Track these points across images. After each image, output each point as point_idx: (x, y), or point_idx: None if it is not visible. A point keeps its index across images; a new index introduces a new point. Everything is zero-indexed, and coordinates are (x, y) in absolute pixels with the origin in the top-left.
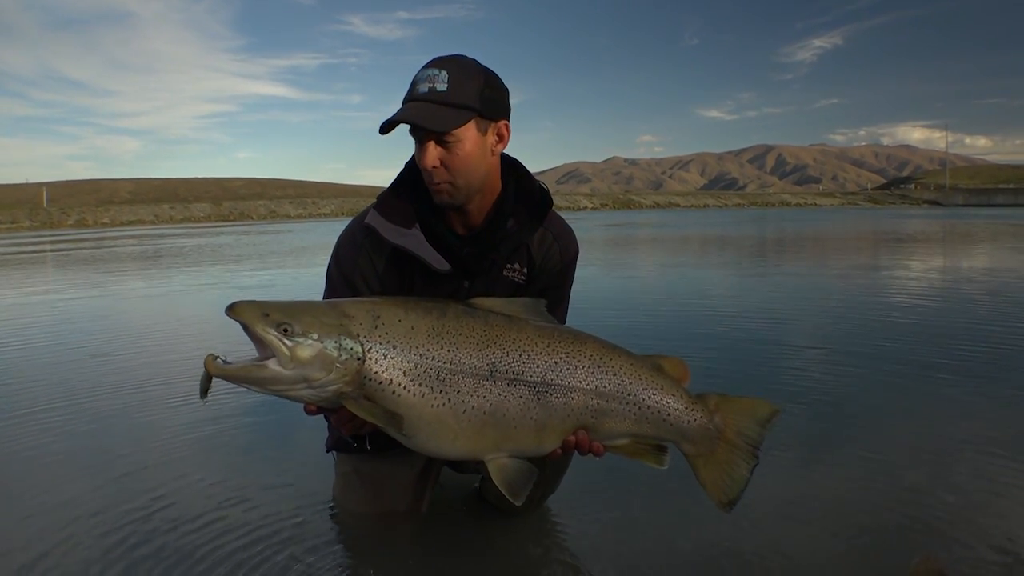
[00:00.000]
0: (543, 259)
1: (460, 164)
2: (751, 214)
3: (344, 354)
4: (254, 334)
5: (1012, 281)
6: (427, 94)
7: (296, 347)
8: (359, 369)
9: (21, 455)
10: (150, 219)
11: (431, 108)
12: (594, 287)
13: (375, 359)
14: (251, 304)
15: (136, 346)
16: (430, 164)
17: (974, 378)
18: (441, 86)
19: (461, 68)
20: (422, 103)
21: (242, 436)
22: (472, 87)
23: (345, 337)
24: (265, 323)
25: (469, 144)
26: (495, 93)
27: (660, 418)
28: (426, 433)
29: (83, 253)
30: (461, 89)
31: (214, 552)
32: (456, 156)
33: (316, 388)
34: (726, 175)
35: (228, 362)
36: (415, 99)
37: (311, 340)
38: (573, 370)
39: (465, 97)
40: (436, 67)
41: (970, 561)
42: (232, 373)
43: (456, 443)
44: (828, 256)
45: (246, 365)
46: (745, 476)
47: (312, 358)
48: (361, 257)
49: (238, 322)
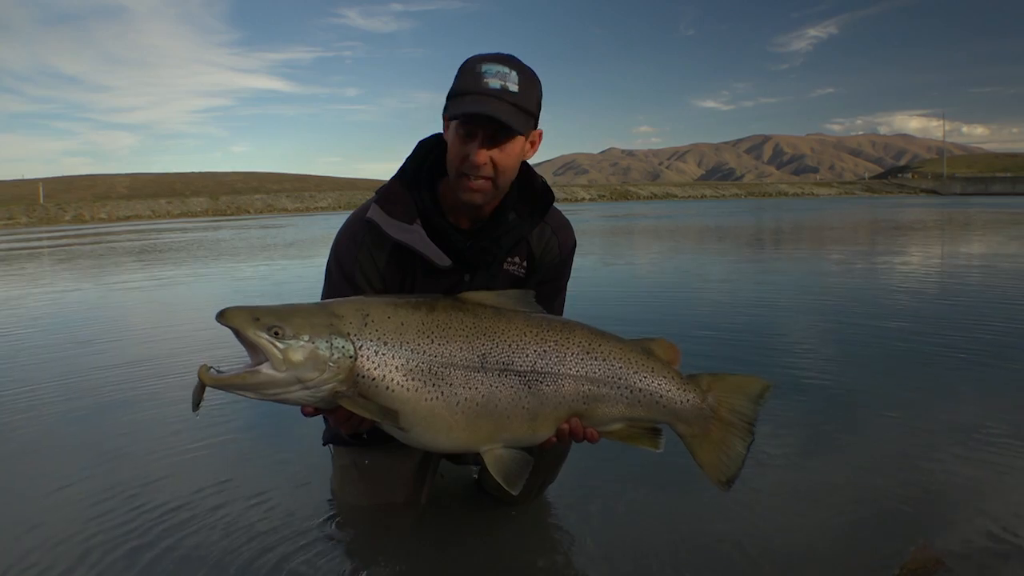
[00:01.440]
0: (542, 252)
1: (507, 166)
2: (748, 204)
3: (336, 353)
4: (246, 339)
5: (1008, 268)
6: (500, 91)
7: (288, 349)
8: (352, 367)
9: (17, 452)
10: (147, 214)
11: (508, 108)
12: (592, 277)
13: (367, 356)
14: (241, 309)
15: (135, 342)
16: (482, 160)
17: (972, 365)
18: (513, 87)
19: (526, 73)
20: (500, 102)
21: (238, 430)
22: (535, 95)
23: (336, 336)
24: (256, 327)
25: (517, 148)
26: (541, 103)
27: (653, 400)
28: (422, 427)
29: (84, 248)
30: (529, 95)
31: (212, 545)
32: (507, 158)
33: (311, 389)
34: (723, 165)
35: (221, 371)
36: (487, 93)
37: (303, 342)
38: (563, 357)
39: (532, 104)
40: (505, 65)
41: (966, 549)
42: (227, 381)
43: (451, 435)
44: (825, 245)
45: (240, 372)
46: (742, 453)
47: (305, 359)
48: (362, 253)
49: (229, 328)
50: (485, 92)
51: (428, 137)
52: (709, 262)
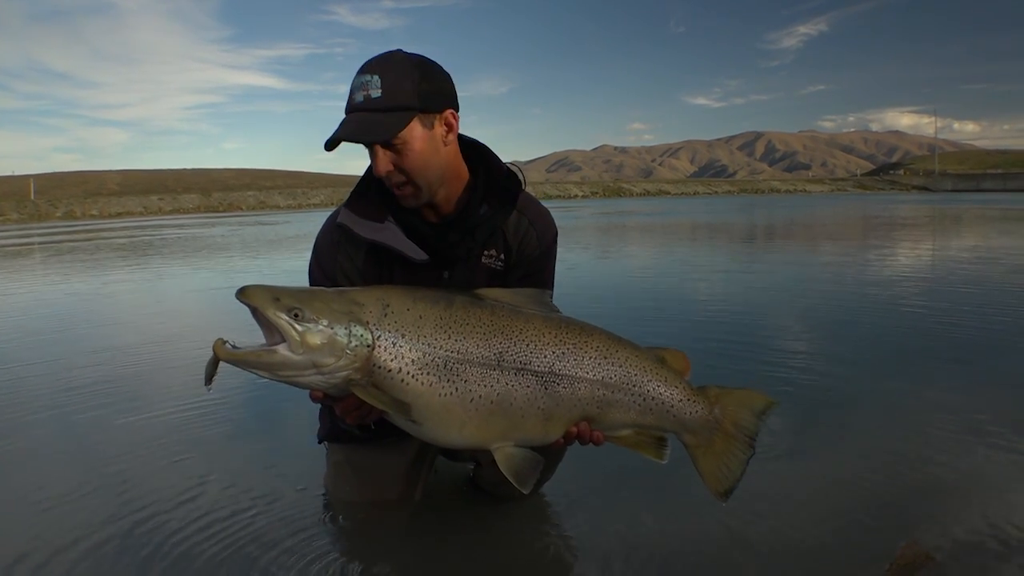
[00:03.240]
0: (520, 244)
1: (413, 165)
2: (741, 201)
3: (354, 341)
4: (265, 318)
5: (1000, 266)
6: (363, 103)
7: (307, 332)
8: (369, 356)
9: (12, 450)
10: (139, 211)
11: (369, 118)
12: (591, 276)
13: (384, 347)
14: (262, 288)
15: (133, 341)
16: (383, 171)
17: (960, 364)
18: (375, 92)
19: (393, 68)
20: (360, 114)
21: (231, 427)
22: (407, 85)
23: (355, 324)
24: (276, 307)
25: (418, 143)
26: (433, 85)
27: (663, 409)
28: (434, 422)
29: (82, 245)
30: (396, 91)
31: (205, 544)
32: (408, 158)
33: (326, 374)
34: (716, 162)
35: (237, 347)
36: (353, 110)
37: (322, 326)
38: (580, 360)
39: (402, 98)
40: (368, 73)
41: (955, 545)
42: (242, 357)
43: (463, 432)
44: (817, 243)
45: (256, 350)
46: (741, 466)
47: (322, 344)
48: (340, 254)
49: (248, 306)
50: (352, 109)
51: None
52: (701, 259)
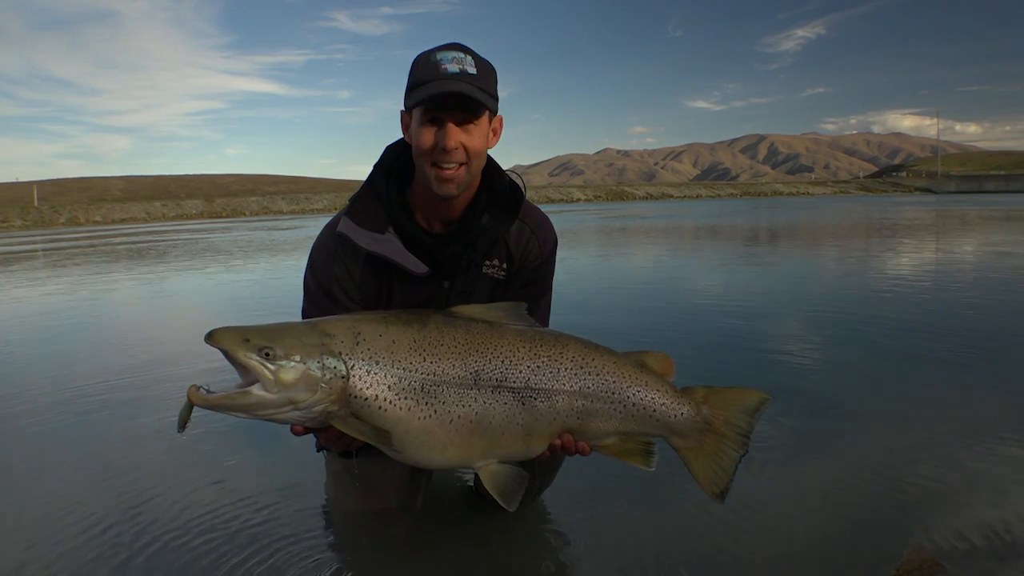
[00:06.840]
0: (522, 253)
1: (477, 149)
2: (744, 204)
3: (328, 373)
4: (236, 360)
5: (1001, 270)
6: (459, 74)
7: (279, 370)
8: (344, 387)
9: (11, 451)
10: (142, 216)
11: (472, 87)
12: (589, 279)
13: (359, 376)
14: (230, 330)
15: (133, 343)
16: (453, 144)
17: (963, 368)
18: (471, 69)
19: (479, 58)
20: (457, 82)
21: (232, 436)
22: (493, 78)
23: (328, 356)
24: (246, 348)
25: (484, 130)
26: (496, 88)
27: (646, 414)
28: (415, 446)
29: (88, 250)
30: (487, 77)
31: (207, 553)
32: (476, 140)
33: (303, 410)
34: (719, 165)
35: (212, 391)
36: (447, 78)
37: (294, 362)
38: (556, 373)
39: (490, 85)
40: (459, 51)
41: (962, 550)
42: (217, 402)
43: (445, 453)
44: (819, 247)
45: (230, 393)
46: (734, 465)
47: (296, 380)
48: (336, 265)
49: (219, 349)
50: (445, 77)
51: (395, 142)
52: (702, 264)
